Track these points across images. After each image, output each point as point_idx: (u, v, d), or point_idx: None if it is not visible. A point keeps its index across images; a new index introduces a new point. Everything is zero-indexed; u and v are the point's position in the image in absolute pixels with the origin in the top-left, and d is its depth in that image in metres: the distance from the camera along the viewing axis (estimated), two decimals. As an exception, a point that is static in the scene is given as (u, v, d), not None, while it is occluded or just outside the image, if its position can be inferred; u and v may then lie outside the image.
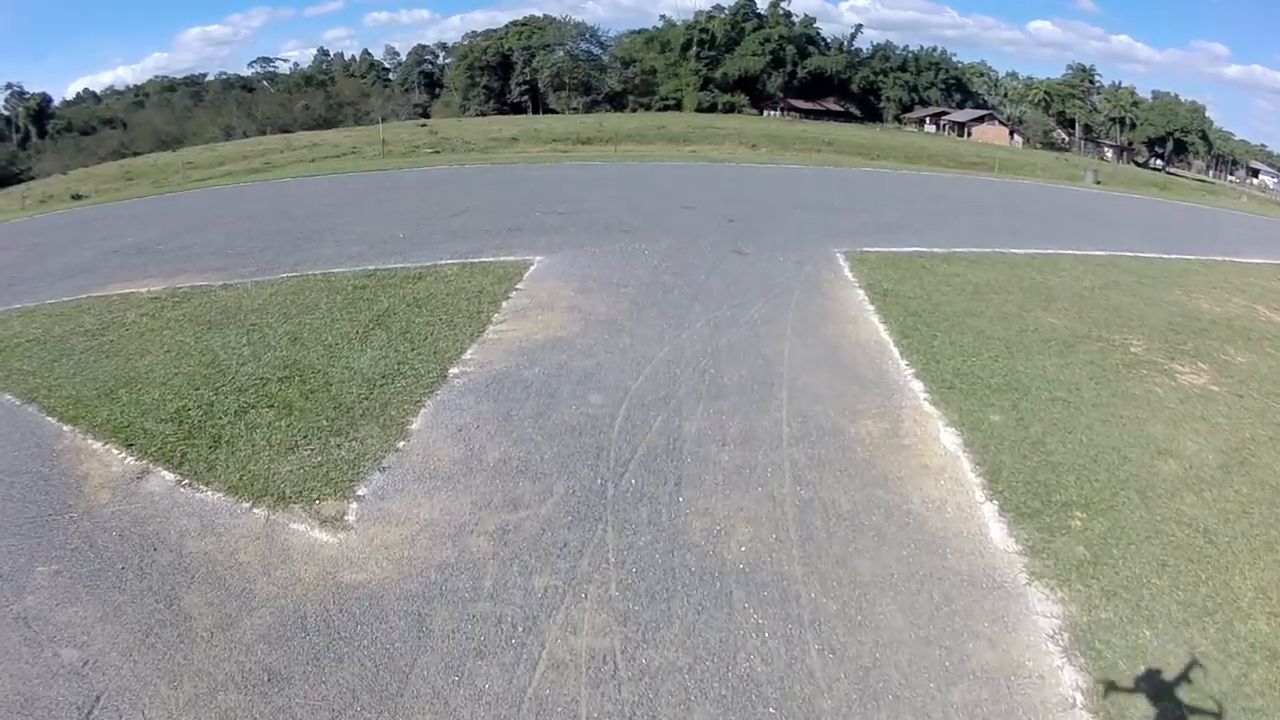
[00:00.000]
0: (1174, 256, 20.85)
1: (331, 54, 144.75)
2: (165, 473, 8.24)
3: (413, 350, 11.15)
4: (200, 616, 6.24)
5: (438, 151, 51.67)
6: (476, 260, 15.88)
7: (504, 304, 13.09)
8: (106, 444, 8.84)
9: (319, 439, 8.81)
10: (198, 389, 10.07)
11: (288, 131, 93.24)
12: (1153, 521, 7.68)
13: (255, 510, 7.60)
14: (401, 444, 8.69)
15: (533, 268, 15.33)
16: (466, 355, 11.00)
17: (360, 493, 7.82)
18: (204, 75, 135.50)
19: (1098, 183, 58.42)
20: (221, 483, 8.03)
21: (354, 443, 8.71)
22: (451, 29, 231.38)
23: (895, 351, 11.62)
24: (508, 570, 6.73)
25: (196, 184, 41.76)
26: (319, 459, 8.40)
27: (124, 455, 8.62)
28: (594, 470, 8.16)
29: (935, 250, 18.54)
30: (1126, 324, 13.72)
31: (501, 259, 15.98)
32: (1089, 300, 15.08)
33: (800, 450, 8.67)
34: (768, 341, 11.72)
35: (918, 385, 10.47)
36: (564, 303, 13.16)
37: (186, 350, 11.41)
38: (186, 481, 8.09)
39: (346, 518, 7.45)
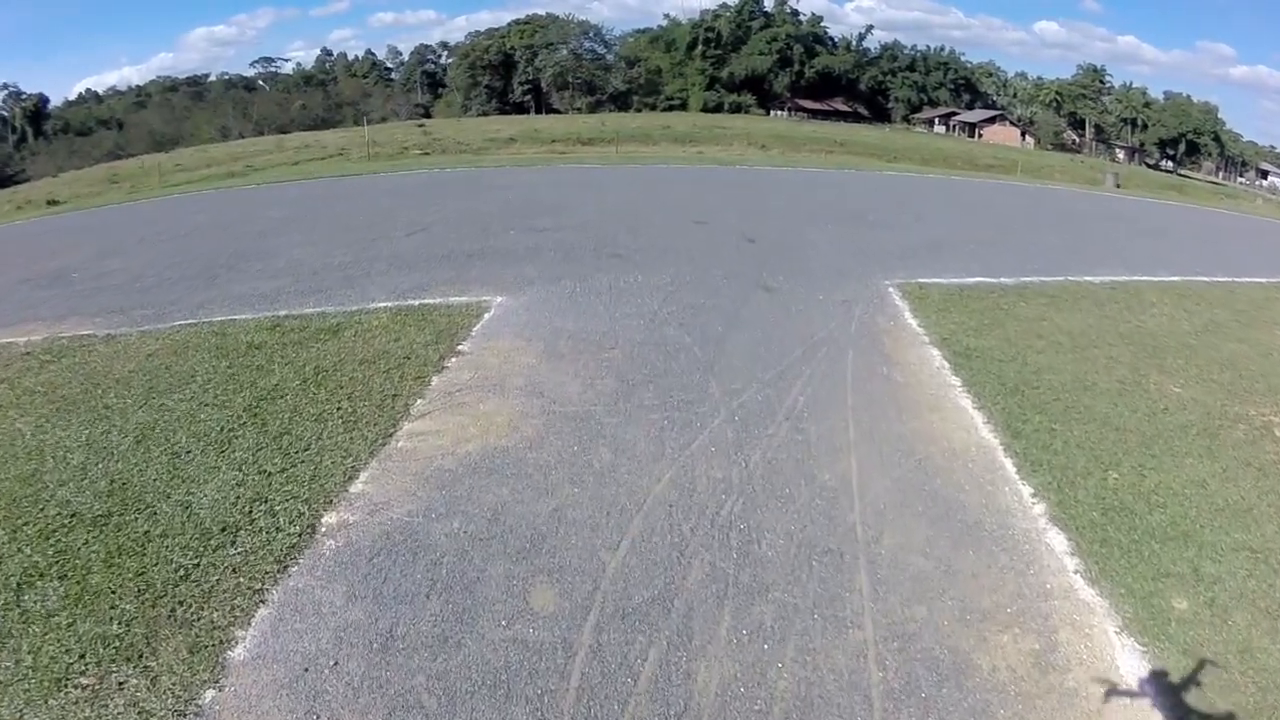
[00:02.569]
0: (1245, 280, 17.02)
1: (335, 54, 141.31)
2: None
3: (283, 471, 7.05)
4: None
5: (427, 153, 47.57)
6: (417, 302, 11.78)
7: (434, 380, 8.91)
8: None
9: (97, 665, 4.91)
10: (-9, 529, 6.18)
11: (285, 132, 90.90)
12: None
13: None
14: (208, 697, 4.68)
15: (488, 315, 11.14)
16: (356, 486, 6.84)
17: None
18: (206, 75, 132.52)
19: (1118, 186, 55.57)
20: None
21: (140, 683, 4.77)
22: (457, 29, 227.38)
23: (1009, 466, 7.51)
24: None
25: (170, 189, 38.22)
26: (85, 714, 4.52)
27: None
28: (517, 822, 3.95)
29: (1003, 281, 14.44)
30: (1253, 388, 10.05)
31: (450, 300, 11.84)
32: (1199, 352, 11.36)
33: (913, 734, 4.49)
34: (823, 455, 7.47)
35: (1058, 540, 6.42)
36: (519, 379, 8.92)
37: (14, 451, 7.65)
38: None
39: None
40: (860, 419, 8.20)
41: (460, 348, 9.84)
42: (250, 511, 6.45)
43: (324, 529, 6.25)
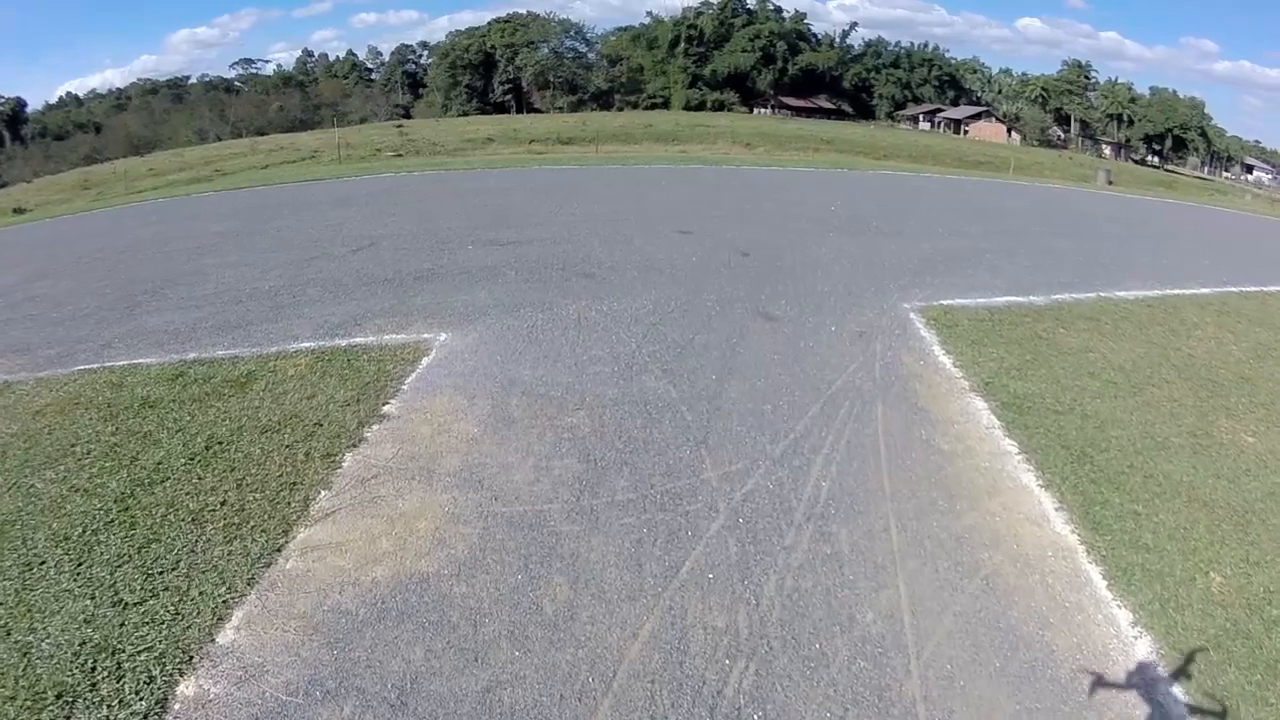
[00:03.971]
0: (1273, 290, 15.43)
1: (316, 55, 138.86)
2: None
3: (141, 603, 5.10)
4: None
5: (399, 155, 45.49)
6: (345, 343, 9.67)
7: (347, 460, 6.84)
8: None
9: None
10: None
11: (262, 134, 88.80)
12: None
13: None
14: None
15: (426, 360, 9.03)
16: (226, 632, 4.87)
17: None
18: (187, 78, 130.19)
19: (1110, 183, 54.31)
20: None
21: None
22: (439, 30, 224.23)
23: (1097, 579, 5.65)
24: None
25: (132, 197, 36.03)
26: None
27: None
28: None
29: (1034, 301, 12.59)
30: (1328, 434, 8.27)
31: (384, 340, 9.75)
32: (1258, 386, 9.81)
33: None
34: (861, 579, 5.43)
35: (1174, 699, 4.61)
36: (454, 458, 6.84)
37: None
38: None
39: None
40: (904, 513, 6.20)
41: (386, 409, 7.78)
42: (93, 669, 4.53)
43: (178, 706, 4.30)
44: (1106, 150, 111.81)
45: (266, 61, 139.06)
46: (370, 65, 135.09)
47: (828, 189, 28.12)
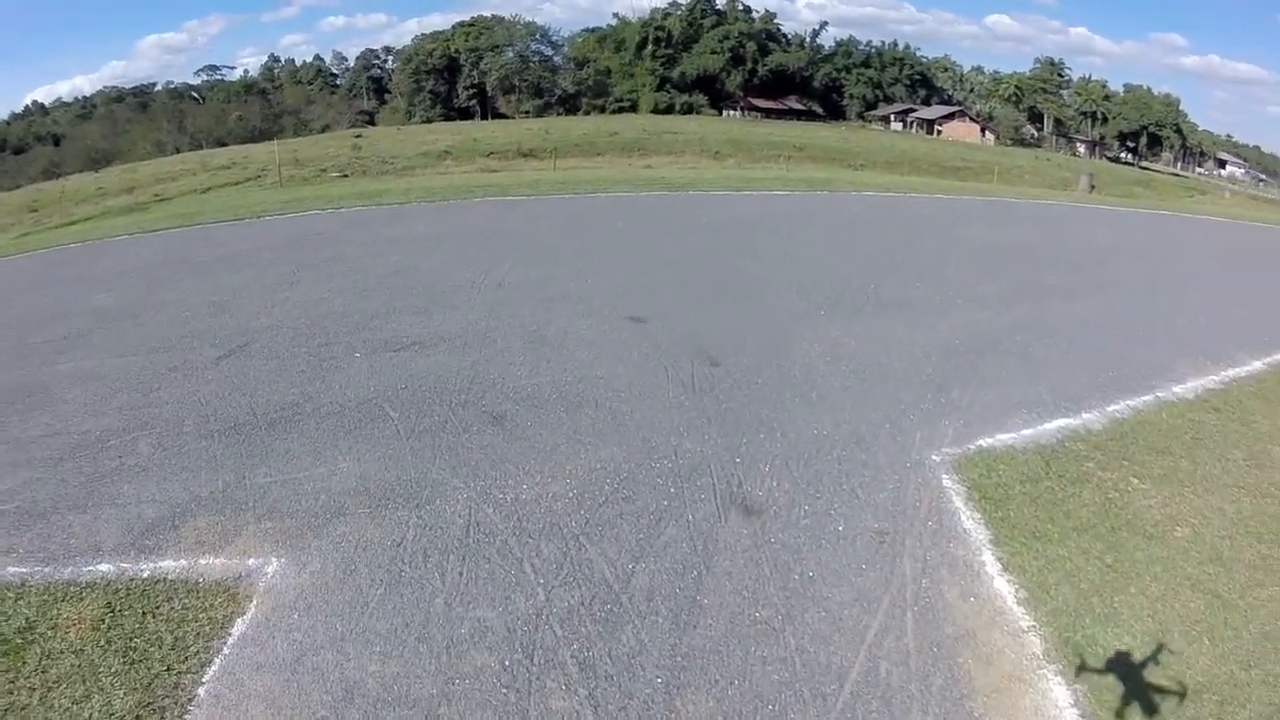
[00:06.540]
0: None
1: (282, 60, 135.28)
2: None
3: None
4: None
5: (345, 175, 42.13)
6: (149, 570, 6.43)
7: None
8: None
9: None
10: None
11: (223, 144, 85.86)
12: None
13: None
14: None
15: (241, 626, 5.75)
16: None
17: None
18: (153, 85, 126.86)
19: (1093, 188, 52.43)
20: None
21: None
22: (409, 33, 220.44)
23: None
24: None
25: (59, 232, 32.73)
26: None
27: None
28: None
29: (1089, 422, 9.71)
30: None
31: (199, 565, 6.48)
32: None
33: None
34: None
35: None
36: None
37: None
38: None
39: None
40: None
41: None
42: None
43: None
44: (1081, 148, 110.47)
45: (233, 68, 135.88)
46: (335, 71, 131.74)
47: (809, 224, 25.07)
